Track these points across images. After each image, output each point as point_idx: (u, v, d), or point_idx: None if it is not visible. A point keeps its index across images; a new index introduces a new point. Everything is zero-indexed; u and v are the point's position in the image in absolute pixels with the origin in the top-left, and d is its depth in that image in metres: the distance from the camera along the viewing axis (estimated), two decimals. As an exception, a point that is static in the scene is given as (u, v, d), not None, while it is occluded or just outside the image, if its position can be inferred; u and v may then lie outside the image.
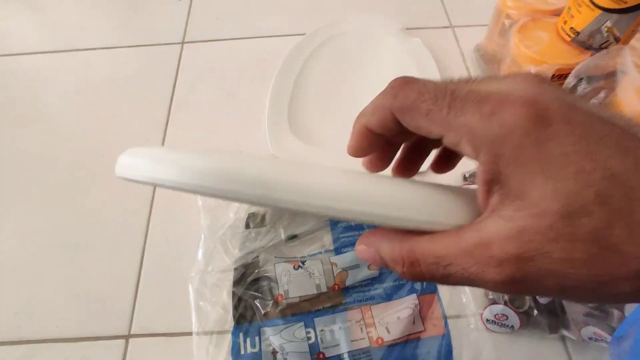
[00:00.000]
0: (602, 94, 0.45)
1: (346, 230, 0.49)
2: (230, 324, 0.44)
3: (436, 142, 0.18)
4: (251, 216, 0.50)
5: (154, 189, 0.53)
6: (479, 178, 0.15)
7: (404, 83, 0.17)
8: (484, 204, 0.15)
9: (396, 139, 0.21)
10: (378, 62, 0.64)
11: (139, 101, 0.62)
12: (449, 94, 0.15)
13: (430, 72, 0.62)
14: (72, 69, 0.67)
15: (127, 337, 0.44)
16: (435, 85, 0.16)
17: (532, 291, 0.15)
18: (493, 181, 0.14)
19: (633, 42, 0.52)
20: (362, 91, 0.61)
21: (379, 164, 0.22)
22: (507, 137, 0.14)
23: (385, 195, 0.17)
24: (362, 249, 0.19)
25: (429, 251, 0.16)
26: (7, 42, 0.71)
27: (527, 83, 0.15)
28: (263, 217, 0.50)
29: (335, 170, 0.19)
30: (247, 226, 0.50)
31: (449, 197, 0.17)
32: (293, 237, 0.49)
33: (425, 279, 0.16)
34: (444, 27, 0.69)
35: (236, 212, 0.50)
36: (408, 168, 0.22)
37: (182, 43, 0.68)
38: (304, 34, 0.66)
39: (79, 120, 0.61)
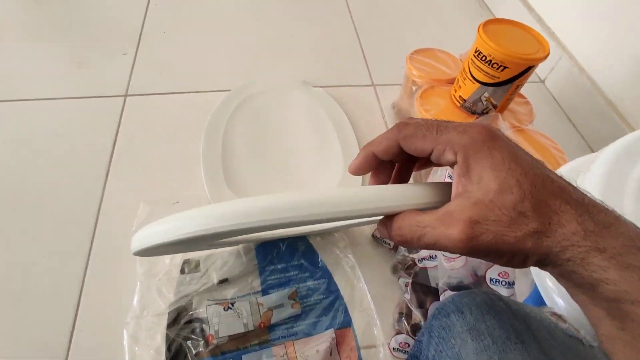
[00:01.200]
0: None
1: (273, 274, 0.55)
2: (162, 366, 0.47)
3: (421, 160, 0.27)
4: (186, 262, 0.55)
5: (92, 239, 0.56)
6: (455, 174, 0.22)
7: (405, 123, 0.25)
8: (455, 192, 0.22)
9: (389, 162, 0.28)
10: (293, 113, 0.73)
11: (80, 152, 0.65)
12: (435, 124, 0.23)
13: (336, 115, 0.73)
14: (14, 119, 0.69)
15: (60, 385, 0.47)
16: (425, 121, 0.24)
17: (480, 249, 0.20)
18: (462, 174, 0.22)
19: (512, 105, 0.63)
20: (284, 140, 0.69)
21: (378, 180, 0.29)
22: (473, 144, 0.22)
23: (388, 192, 0.23)
24: (379, 228, 0.25)
25: (412, 218, 0.23)
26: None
27: (481, 123, 0.23)
28: (197, 263, 0.55)
29: (329, 189, 0.25)
30: (182, 271, 0.54)
31: (429, 188, 0.24)
32: (224, 281, 0.54)
33: (407, 240, 0.23)
34: (366, 85, 0.79)
35: (172, 258, 0.55)
36: (399, 181, 0.30)
37: (125, 96, 0.73)
38: (229, 90, 0.74)
39: (18, 171, 0.63)
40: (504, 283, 0.42)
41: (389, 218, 0.24)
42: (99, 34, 0.84)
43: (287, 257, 0.57)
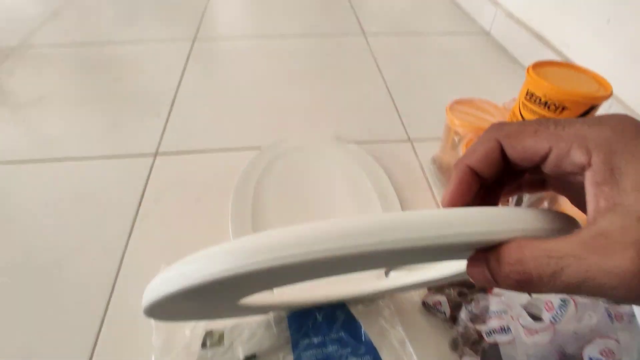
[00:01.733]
0: (545, 204, 0.48)
1: (308, 348, 0.46)
2: None
3: (518, 178, 0.21)
4: (209, 334, 0.47)
5: (107, 305, 0.51)
6: (589, 182, 0.16)
7: (503, 122, 0.19)
8: (596, 207, 0.15)
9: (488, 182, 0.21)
10: (326, 169, 0.69)
11: (105, 211, 0.62)
12: (551, 120, 0.17)
13: (372, 169, 0.68)
14: (47, 178, 0.68)
15: None
16: (533, 119, 0.18)
17: None
18: (605, 181, 0.15)
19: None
20: (317, 197, 0.65)
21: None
22: (618, 137, 0.15)
23: (493, 213, 0.16)
24: (471, 269, 0.18)
25: (539, 246, 0.15)
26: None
27: (619, 114, 0.17)
28: (221, 335, 0.47)
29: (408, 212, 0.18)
30: (204, 345, 0.47)
31: (547, 213, 0.17)
32: (252, 357, 0.45)
33: (532, 280, 0.15)
34: (402, 141, 0.76)
35: (192, 330, 0.47)
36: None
37: (155, 154, 0.72)
38: (259, 147, 0.72)
39: (46, 230, 0.60)
40: (609, 364, 0.33)
41: (492, 252, 0.17)
42: (136, 99, 0.86)
43: (324, 328, 0.48)
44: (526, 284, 0.15)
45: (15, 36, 1.10)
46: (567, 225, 0.16)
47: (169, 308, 0.24)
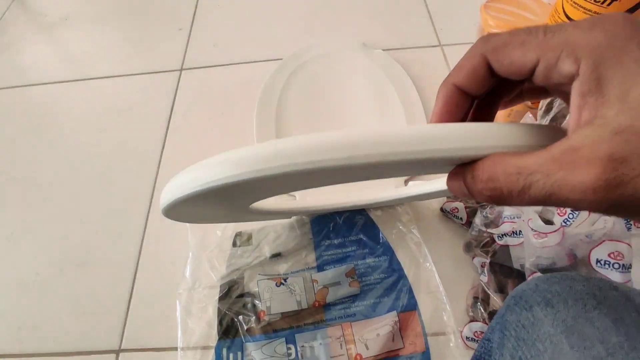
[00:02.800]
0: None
1: (329, 249, 0.50)
2: (214, 339, 0.45)
3: (513, 89, 0.19)
4: (238, 235, 0.52)
5: (148, 210, 0.56)
6: (575, 93, 0.15)
7: (492, 34, 0.17)
8: (577, 120, 0.15)
9: (468, 103, 0.20)
10: (351, 76, 0.67)
11: (140, 124, 0.66)
12: (541, 27, 0.16)
13: (399, 78, 0.66)
14: (83, 97, 0.71)
15: (117, 352, 0.47)
16: (523, 27, 0.17)
17: (627, 201, 0.13)
18: (590, 92, 0.14)
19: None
20: (341, 104, 0.64)
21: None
22: (610, 42, 0.14)
23: (471, 129, 0.16)
24: (450, 182, 0.18)
25: (510, 162, 0.15)
26: (28, 74, 0.77)
27: (618, 12, 0.16)
28: (249, 236, 0.52)
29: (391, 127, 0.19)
30: (234, 244, 0.52)
31: (529, 127, 0.17)
32: (277, 255, 0.50)
33: (503, 195, 0.15)
34: (432, 46, 0.71)
35: (223, 231, 0.52)
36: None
37: (181, 70, 0.72)
38: (281, 59, 0.70)
39: (89, 145, 0.65)
40: (616, 266, 0.33)
41: (468, 167, 0.17)
42: (157, 13, 0.84)
43: (344, 231, 0.52)
44: (498, 198, 0.16)
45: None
46: (553, 139, 0.16)
47: (184, 211, 0.26)
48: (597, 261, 0.34)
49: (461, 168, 0.17)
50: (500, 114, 0.56)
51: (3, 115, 0.71)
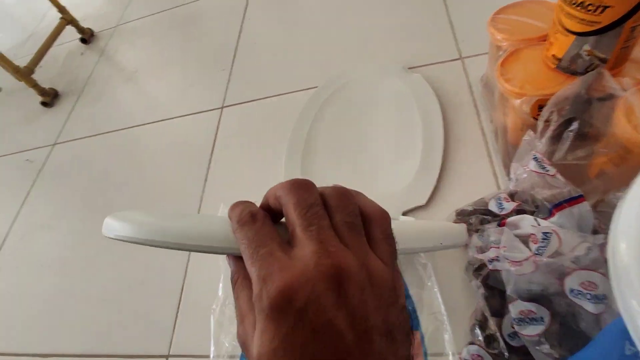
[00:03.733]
0: (574, 125, 0.43)
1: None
2: (240, 350, 0.53)
3: None
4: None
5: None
6: None
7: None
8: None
9: None
10: (380, 104, 0.69)
11: (186, 162, 0.77)
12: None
13: (430, 106, 0.66)
14: (153, 135, 0.86)
15: (167, 357, 0.57)
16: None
17: None
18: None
19: (637, 54, 0.47)
20: (364, 133, 0.67)
21: None
22: None
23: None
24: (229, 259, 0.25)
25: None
26: (122, 118, 0.94)
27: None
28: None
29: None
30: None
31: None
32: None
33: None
34: (452, 60, 0.70)
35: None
36: None
37: (222, 108, 0.82)
38: (316, 87, 0.74)
39: (158, 176, 0.78)
40: (589, 297, 0.32)
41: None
42: (207, 57, 0.96)
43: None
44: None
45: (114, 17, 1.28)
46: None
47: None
48: (571, 291, 0.33)
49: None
50: (511, 126, 0.55)
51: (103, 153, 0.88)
